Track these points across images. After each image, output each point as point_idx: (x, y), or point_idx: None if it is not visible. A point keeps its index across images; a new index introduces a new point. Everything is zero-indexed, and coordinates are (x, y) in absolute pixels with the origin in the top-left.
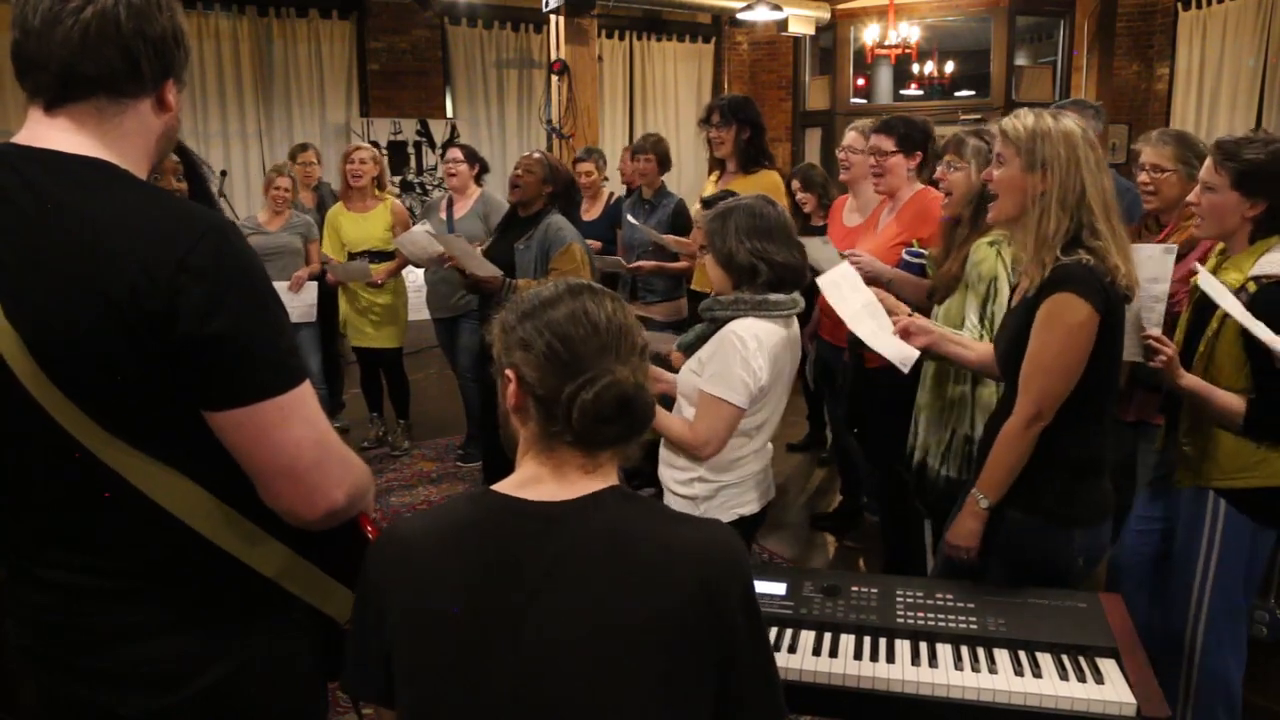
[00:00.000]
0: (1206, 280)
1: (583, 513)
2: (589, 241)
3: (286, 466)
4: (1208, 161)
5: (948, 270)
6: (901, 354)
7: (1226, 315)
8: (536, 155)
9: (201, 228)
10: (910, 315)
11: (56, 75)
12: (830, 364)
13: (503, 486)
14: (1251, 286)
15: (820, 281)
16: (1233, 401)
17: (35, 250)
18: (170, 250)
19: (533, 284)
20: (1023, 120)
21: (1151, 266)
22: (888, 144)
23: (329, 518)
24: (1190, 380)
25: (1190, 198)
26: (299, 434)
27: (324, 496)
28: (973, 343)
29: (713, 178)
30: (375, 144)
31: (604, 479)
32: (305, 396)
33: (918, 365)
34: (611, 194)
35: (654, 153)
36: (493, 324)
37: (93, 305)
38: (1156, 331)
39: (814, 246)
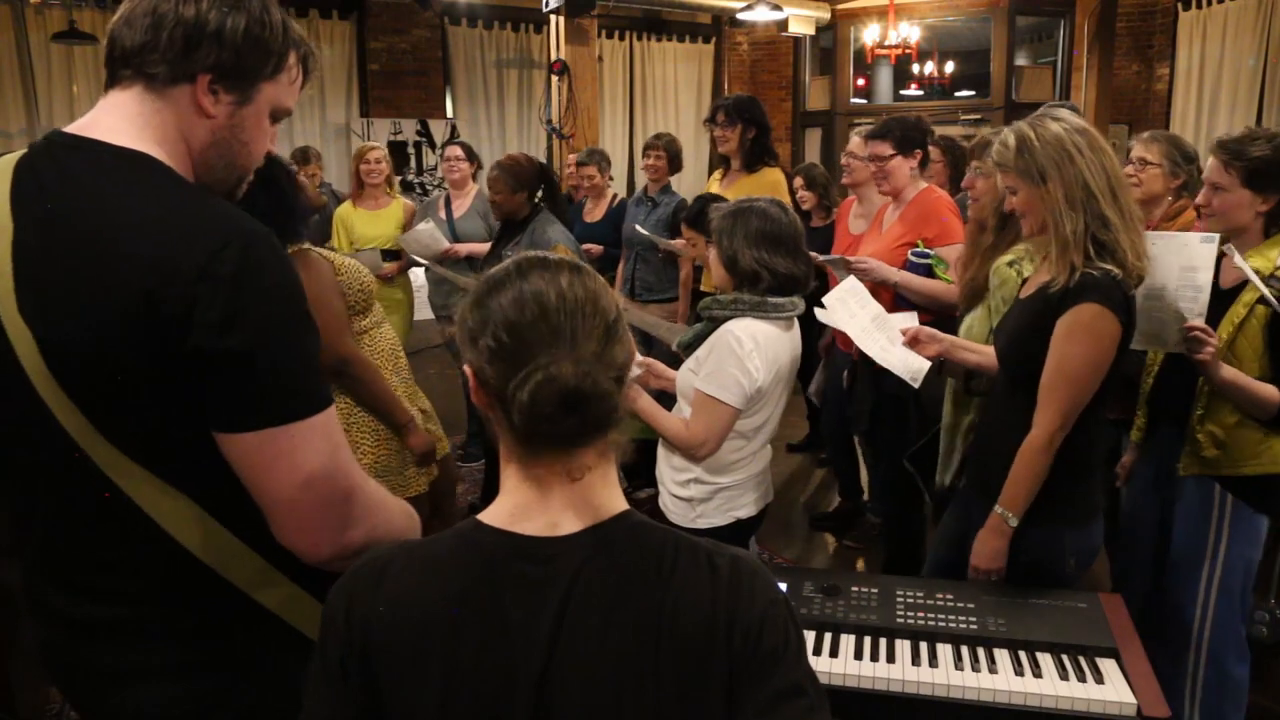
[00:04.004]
0: (1242, 264)
1: (586, 551)
2: (589, 246)
3: (293, 500)
4: (1212, 161)
5: (974, 279)
6: (910, 368)
7: (1253, 306)
8: (494, 173)
9: (229, 234)
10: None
11: (107, 47)
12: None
13: (493, 518)
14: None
15: (826, 301)
16: (1271, 392)
17: (59, 244)
18: (191, 256)
19: None
20: (1006, 143)
21: (1189, 255)
22: (885, 149)
23: (337, 560)
24: (1229, 372)
25: (1199, 199)
26: (312, 466)
27: (329, 538)
28: (982, 347)
29: (716, 175)
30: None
31: (597, 493)
32: (325, 426)
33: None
34: (615, 195)
35: (665, 150)
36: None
37: (110, 308)
38: (1200, 322)
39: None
